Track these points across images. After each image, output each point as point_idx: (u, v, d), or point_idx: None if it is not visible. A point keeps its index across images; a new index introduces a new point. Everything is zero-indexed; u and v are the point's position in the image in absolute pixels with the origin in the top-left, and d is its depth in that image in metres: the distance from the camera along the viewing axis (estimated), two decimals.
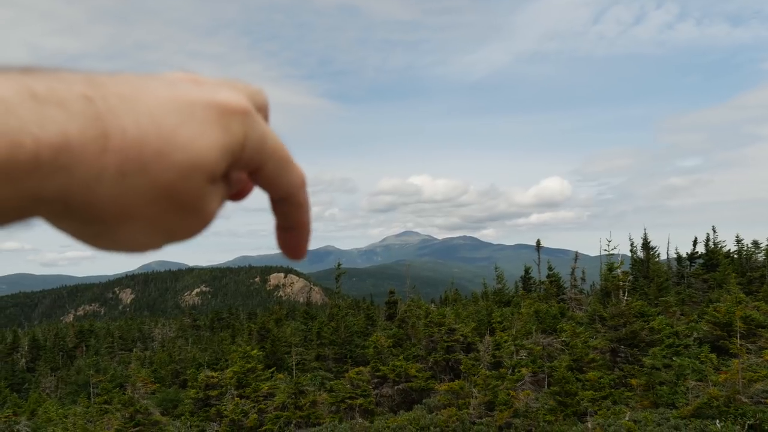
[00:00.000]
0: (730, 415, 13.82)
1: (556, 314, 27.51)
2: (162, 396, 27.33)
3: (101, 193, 0.39)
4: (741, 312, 19.62)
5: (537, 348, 21.25)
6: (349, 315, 35.25)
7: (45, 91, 0.37)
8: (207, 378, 22.43)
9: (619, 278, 25.00)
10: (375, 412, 19.88)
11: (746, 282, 31.73)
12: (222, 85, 0.47)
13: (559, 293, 36.07)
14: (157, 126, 0.41)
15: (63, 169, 0.37)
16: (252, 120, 0.46)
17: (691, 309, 28.57)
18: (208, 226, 0.48)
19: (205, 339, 47.25)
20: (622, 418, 14.55)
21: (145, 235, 0.44)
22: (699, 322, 23.43)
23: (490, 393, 17.47)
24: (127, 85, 0.41)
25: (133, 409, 20.06)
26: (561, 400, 16.65)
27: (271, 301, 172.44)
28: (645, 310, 22.06)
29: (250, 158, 0.46)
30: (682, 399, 15.56)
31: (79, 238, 0.43)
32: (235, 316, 61.93)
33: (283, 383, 21.87)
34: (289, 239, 0.54)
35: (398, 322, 30.67)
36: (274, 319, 40.12)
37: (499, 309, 31.60)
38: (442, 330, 23.62)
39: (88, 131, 0.38)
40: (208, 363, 31.65)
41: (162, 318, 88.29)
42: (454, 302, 42.34)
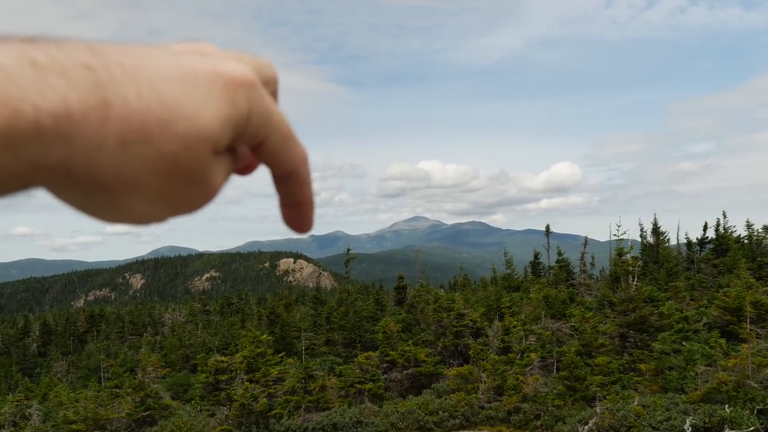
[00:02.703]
0: (739, 400, 13.81)
1: (565, 299, 27.49)
2: (172, 380, 27.55)
3: (103, 162, 0.39)
4: (751, 297, 19.55)
5: (546, 333, 21.26)
6: (359, 300, 35.33)
7: (46, 60, 0.37)
8: (217, 362, 22.58)
9: (628, 263, 24.94)
10: (384, 396, 19.97)
11: (756, 267, 31.57)
12: (228, 56, 0.47)
13: (569, 278, 36.01)
14: (160, 96, 0.40)
15: (64, 137, 0.37)
16: (257, 92, 0.45)
17: (700, 294, 28.49)
18: (213, 198, 0.47)
19: (215, 324, 47.43)
20: (631, 402, 14.56)
21: (149, 207, 0.44)
22: (709, 307, 23.37)
23: (498, 378, 17.52)
24: (129, 55, 0.41)
25: (143, 393, 20.25)
26: (570, 385, 16.67)
27: (281, 287, 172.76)
28: (654, 295, 22.02)
29: (254, 131, 0.46)
30: (692, 384, 15.55)
31: (82, 209, 0.43)
32: (244, 301, 62.22)
33: (292, 368, 21.97)
34: (293, 215, 0.55)
35: (407, 307, 30.77)
36: (284, 304, 40.24)
37: (508, 294, 31.62)
38: (451, 315, 23.65)
39: (89, 100, 0.38)
40: (218, 348, 31.87)
41: (172, 303, 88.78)
42: (463, 287, 42.41)
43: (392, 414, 16.64)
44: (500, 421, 16.54)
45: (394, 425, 16.25)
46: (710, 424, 12.96)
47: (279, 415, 18.62)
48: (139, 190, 0.42)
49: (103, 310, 66.27)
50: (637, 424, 13.46)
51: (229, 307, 58.17)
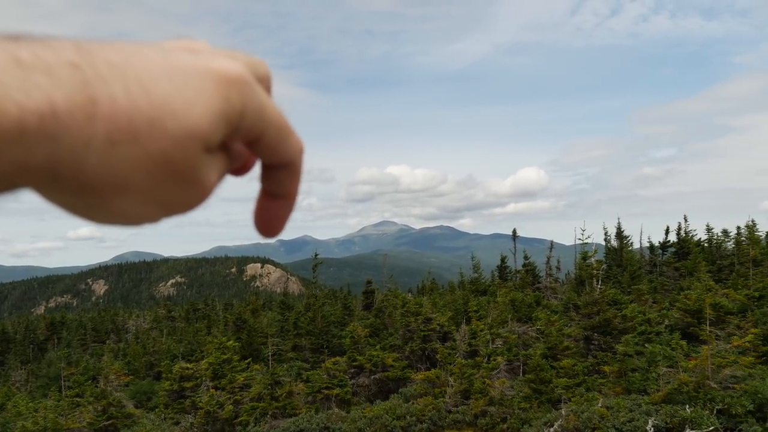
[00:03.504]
0: (699, 400, 14.09)
1: (531, 303, 27.77)
2: (136, 388, 27.15)
3: (91, 162, 0.38)
4: (710, 299, 19.98)
5: (512, 336, 21.46)
6: (326, 305, 35.21)
7: (30, 58, 0.37)
8: (182, 369, 22.33)
9: (592, 267, 25.32)
10: (351, 401, 19.95)
11: (716, 270, 32.28)
12: (220, 53, 0.46)
13: (535, 282, 36.40)
14: (148, 93, 0.40)
15: (50, 137, 0.36)
16: (250, 88, 0.44)
17: (662, 297, 29.00)
18: (207, 198, 0.46)
19: (181, 330, 46.78)
20: (595, 404, 14.76)
21: (140, 207, 0.43)
22: (670, 309, 23.79)
23: (465, 381, 17.63)
24: (117, 53, 0.40)
25: (105, 401, 19.93)
26: (535, 388, 16.85)
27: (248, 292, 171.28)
28: (618, 298, 22.38)
29: (249, 127, 0.45)
30: (654, 385, 15.82)
31: (72, 210, 0.42)
32: (211, 307, 61.48)
33: (259, 374, 21.83)
34: (272, 208, 0.53)
35: (375, 311, 30.76)
36: (251, 309, 39.98)
37: (476, 298, 31.82)
38: (418, 319, 23.73)
39: (75, 98, 0.37)
40: (183, 354, 31.49)
41: (136, 309, 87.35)
42: (431, 292, 42.51)
43: (360, 419, 16.63)
44: (467, 425, 16.64)
45: (361, 430, 16.24)
46: (672, 425, 13.20)
47: (245, 422, 18.49)
48: (128, 190, 0.41)
49: (65, 317, 64.93)
50: (601, 426, 13.65)
51: (194, 313, 57.42)
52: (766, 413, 13.76)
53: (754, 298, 22.46)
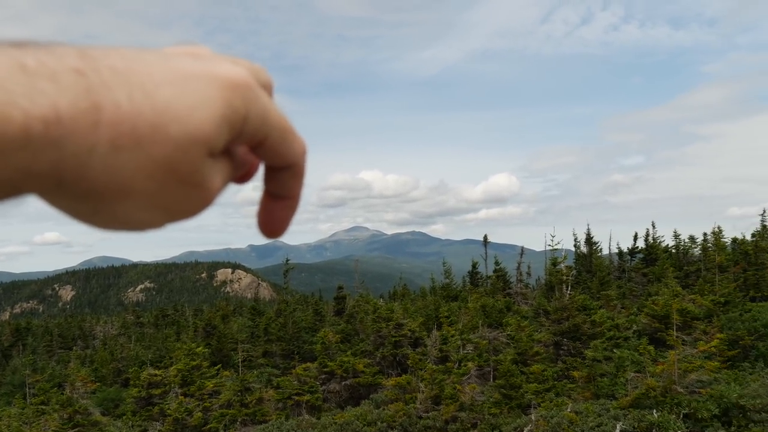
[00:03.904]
0: (666, 405, 14.26)
1: (502, 308, 27.91)
2: (103, 395, 26.73)
3: (95, 168, 0.38)
4: (677, 305, 20.28)
5: (483, 342, 21.53)
6: (298, 311, 35.05)
7: (35, 65, 0.37)
8: (150, 376, 22.02)
9: (562, 273, 25.53)
10: (322, 408, 19.85)
11: (683, 276, 32.80)
12: (222, 59, 0.46)
13: (506, 288, 36.60)
14: (151, 99, 0.40)
15: (54, 143, 0.36)
16: (254, 93, 0.44)
17: (631, 302, 29.38)
18: (211, 203, 0.46)
19: (149, 336, 46.18)
20: (565, 409, 14.86)
21: (144, 212, 0.43)
22: (638, 315, 24.10)
23: (436, 387, 17.63)
24: (120, 59, 0.40)
25: (71, 409, 19.55)
26: (506, 393, 16.92)
27: (218, 298, 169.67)
28: (587, 303, 22.59)
29: (253, 131, 0.45)
30: (622, 390, 15.99)
31: (76, 216, 0.42)
32: (180, 312, 60.78)
33: (229, 380, 21.64)
34: (276, 210, 0.53)
35: (347, 317, 30.67)
36: (221, 315, 39.63)
37: (447, 304, 31.91)
38: (390, 325, 23.71)
39: (79, 104, 0.37)
40: (152, 361, 31.05)
41: (104, 315, 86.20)
42: (402, 297, 42.54)
43: (330, 426, 16.54)
44: (438, 431, 16.63)
45: None
46: (639, 429, 13.34)
47: (214, 430, 18.30)
48: (132, 196, 0.41)
49: (30, 323, 63.57)
50: (570, 431, 13.74)
51: (164, 318, 56.73)
52: (731, 417, 13.99)
53: (720, 304, 22.87)
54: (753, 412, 13.67)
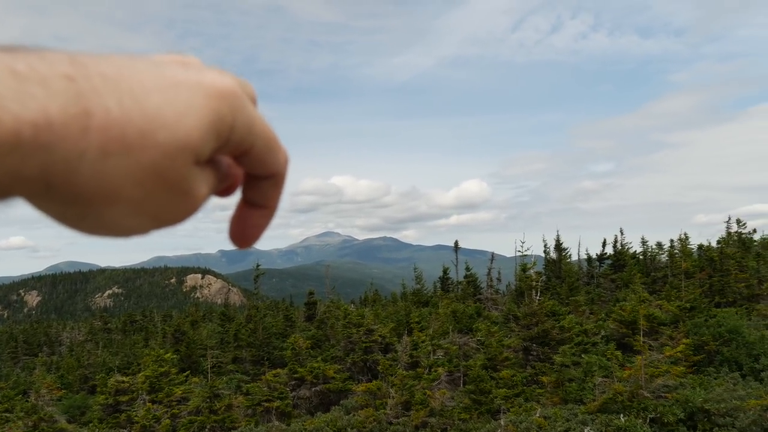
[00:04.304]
0: (633, 409, 14.44)
1: (472, 314, 28.06)
2: (69, 403, 26.24)
3: (84, 173, 0.39)
4: (644, 311, 20.56)
5: (453, 347, 21.61)
6: (268, 316, 34.85)
7: (26, 70, 0.37)
8: (117, 383, 21.70)
9: (531, 278, 25.74)
10: (292, 414, 19.73)
11: (650, 282, 33.30)
12: (210, 68, 0.46)
13: (476, 293, 36.81)
14: (141, 106, 0.40)
15: (44, 147, 0.37)
16: (240, 102, 0.45)
17: (599, 308, 29.71)
18: (197, 210, 0.47)
19: (117, 342, 45.54)
20: (534, 414, 14.96)
21: (131, 218, 0.43)
22: (606, 320, 24.38)
23: (407, 393, 17.63)
24: (110, 66, 0.41)
25: (36, 417, 19.19)
26: (475, 399, 16.98)
27: (188, 303, 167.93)
28: (556, 309, 22.79)
29: (239, 141, 0.46)
30: (590, 395, 16.15)
31: (63, 221, 0.42)
32: (149, 318, 60.05)
33: (197, 387, 21.41)
34: (251, 218, 0.53)
35: (317, 323, 30.59)
36: (190, 321, 39.22)
37: (418, 309, 31.96)
38: (360, 331, 23.68)
39: (69, 110, 0.37)
40: (119, 367, 30.58)
41: (71, 321, 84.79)
42: (373, 303, 42.53)
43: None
44: None
45: None
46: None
47: None
48: (120, 201, 0.41)
49: None
50: None
51: (132, 324, 56.01)
52: (696, 421, 14.21)
53: (686, 309, 23.23)
54: (717, 416, 13.91)
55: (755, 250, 35.24)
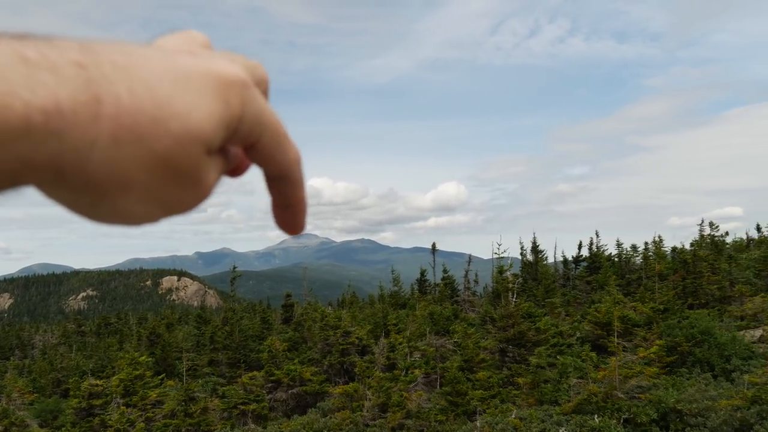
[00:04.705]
0: (607, 410, 14.59)
1: (449, 316, 28.13)
2: (41, 407, 25.87)
3: (95, 160, 0.39)
4: (619, 312, 20.79)
5: (430, 349, 21.65)
6: (245, 318, 34.62)
7: (36, 56, 0.37)
8: (91, 386, 21.44)
9: (508, 280, 25.90)
10: (268, 417, 19.64)
11: (625, 284, 33.65)
12: (219, 55, 0.46)
13: (453, 295, 36.92)
14: (152, 94, 0.40)
15: (54, 134, 0.37)
16: (250, 92, 0.45)
17: (575, 310, 29.97)
18: (206, 198, 0.47)
19: (91, 345, 44.99)
20: (509, 416, 15.05)
21: (141, 207, 0.43)
22: (582, 322, 24.60)
23: (383, 395, 17.64)
24: (121, 53, 0.41)
25: (8, 421, 18.93)
26: (452, 400, 17.04)
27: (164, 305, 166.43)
28: (532, 311, 22.96)
29: (247, 131, 0.46)
30: (565, 396, 16.29)
31: (74, 209, 0.42)
32: (123, 321, 59.42)
33: (173, 390, 21.23)
34: (286, 216, 0.54)
35: (294, 325, 30.48)
36: (166, 323, 38.84)
37: (395, 311, 31.98)
38: (337, 333, 23.64)
39: (80, 97, 0.37)
40: (93, 371, 30.23)
41: (44, 324, 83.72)
42: (351, 305, 42.49)
43: None
44: None
45: None
46: None
47: None
48: (131, 190, 0.41)
49: None
50: None
51: (106, 327, 55.38)
52: (669, 422, 14.40)
53: (660, 311, 23.51)
54: (689, 416, 14.10)
55: (727, 253, 35.73)
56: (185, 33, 0.50)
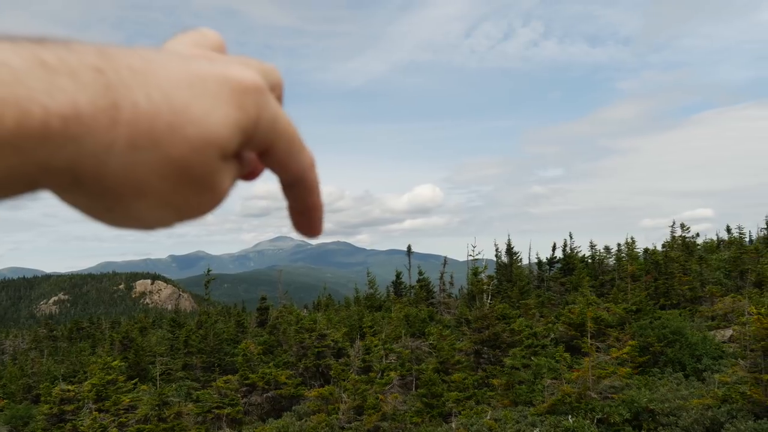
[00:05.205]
0: (581, 410, 14.72)
1: (425, 318, 28.18)
2: (11, 413, 25.44)
3: (111, 165, 0.39)
4: (592, 313, 20.98)
5: (406, 351, 21.67)
6: (219, 322, 34.41)
7: (55, 61, 0.37)
8: (62, 392, 21.14)
9: (483, 282, 26.00)
10: (243, 421, 19.51)
11: (598, 285, 34.00)
12: (235, 61, 0.46)
13: (429, 297, 37.00)
14: (169, 100, 0.40)
15: (72, 139, 0.37)
16: (265, 98, 0.45)
17: (549, 311, 30.19)
18: (220, 204, 0.47)
19: (63, 350, 44.36)
20: (484, 417, 15.13)
21: (156, 211, 0.43)
22: (556, 323, 24.80)
23: (359, 397, 17.61)
24: (138, 59, 0.41)
25: None
26: (427, 402, 17.06)
27: (137, 309, 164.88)
28: (507, 312, 23.07)
29: (262, 137, 0.46)
30: (539, 397, 16.40)
31: (89, 213, 0.42)
32: (96, 325, 58.68)
33: (146, 395, 21.00)
34: (303, 221, 0.55)
35: (269, 328, 30.32)
36: (139, 327, 38.52)
37: (371, 314, 31.98)
38: (313, 336, 23.56)
39: (98, 102, 0.37)
40: (65, 376, 29.80)
41: (14, 329, 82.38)
42: (326, 308, 42.39)
43: None
44: None
45: None
46: None
47: None
48: (146, 195, 0.41)
49: None
50: None
51: (78, 332, 54.61)
52: (641, 421, 14.56)
53: (632, 312, 23.78)
54: (661, 416, 14.29)
55: (698, 254, 36.29)
56: (199, 32, 0.51)
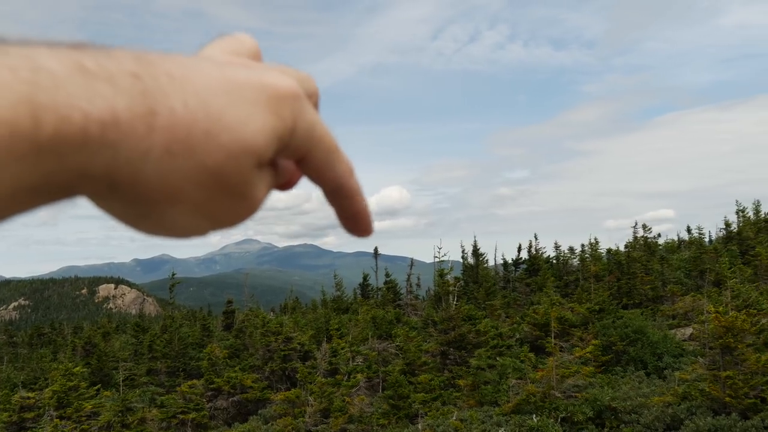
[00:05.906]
0: (545, 410, 14.89)
1: (392, 320, 28.23)
2: None
3: (147, 172, 0.38)
4: (556, 313, 21.23)
5: (372, 353, 21.69)
6: (184, 326, 34.05)
7: (94, 67, 0.37)
8: (22, 399, 20.71)
9: (449, 284, 26.15)
10: (208, 426, 19.33)
11: (563, 285, 34.41)
12: (272, 68, 0.46)
13: (396, 299, 37.04)
14: (205, 106, 0.40)
15: (110, 145, 0.37)
16: (302, 105, 0.45)
17: (515, 311, 30.47)
18: (255, 212, 0.46)
19: (23, 357, 43.47)
20: (450, 417, 15.21)
21: (190, 219, 0.43)
22: (521, 323, 25.04)
23: (326, 400, 17.59)
24: (176, 65, 0.40)
25: None
26: (394, 404, 17.10)
27: (100, 314, 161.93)
28: (473, 313, 23.24)
29: (298, 145, 0.45)
30: (504, 397, 16.55)
31: (122, 219, 0.42)
32: (58, 331, 57.58)
33: (109, 401, 20.69)
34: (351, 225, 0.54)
35: (235, 332, 30.07)
36: (102, 332, 37.90)
37: (338, 316, 31.93)
38: (279, 339, 23.45)
39: (135, 108, 0.37)
40: (25, 383, 29.18)
41: None
42: (293, 310, 42.20)
43: None
44: None
45: None
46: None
47: None
48: (181, 202, 0.41)
49: None
50: None
51: (39, 338, 53.55)
52: (604, 419, 14.79)
53: (595, 311, 24.14)
54: (624, 414, 14.54)
55: (660, 254, 36.96)
56: (235, 37, 0.50)
